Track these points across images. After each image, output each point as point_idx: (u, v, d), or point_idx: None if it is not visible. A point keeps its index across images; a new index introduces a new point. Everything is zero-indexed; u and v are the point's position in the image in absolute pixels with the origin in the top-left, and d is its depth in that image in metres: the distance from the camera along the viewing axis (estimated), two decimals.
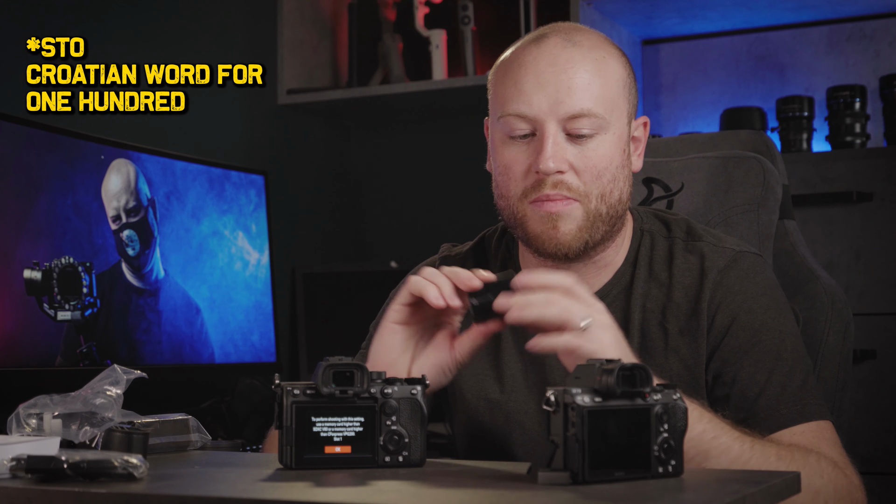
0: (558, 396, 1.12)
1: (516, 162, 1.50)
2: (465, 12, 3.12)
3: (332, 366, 1.23)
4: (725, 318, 1.51)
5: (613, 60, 1.52)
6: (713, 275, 1.53)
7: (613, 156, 1.50)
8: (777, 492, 1.13)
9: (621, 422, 1.13)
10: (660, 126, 3.25)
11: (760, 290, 1.53)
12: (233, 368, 2.51)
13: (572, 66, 1.48)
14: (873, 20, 3.05)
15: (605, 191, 1.49)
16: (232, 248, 2.52)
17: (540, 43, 1.52)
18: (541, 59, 1.49)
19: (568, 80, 1.48)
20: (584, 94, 1.47)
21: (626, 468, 1.13)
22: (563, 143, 1.48)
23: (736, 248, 1.56)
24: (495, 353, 1.61)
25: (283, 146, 3.23)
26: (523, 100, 1.48)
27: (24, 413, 1.36)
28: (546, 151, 1.46)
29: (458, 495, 1.10)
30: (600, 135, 1.49)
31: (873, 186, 2.62)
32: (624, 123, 1.52)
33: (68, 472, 1.12)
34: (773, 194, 1.79)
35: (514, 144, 1.51)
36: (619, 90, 1.52)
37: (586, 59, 1.49)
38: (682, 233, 1.59)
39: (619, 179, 1.51)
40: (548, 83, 1.48)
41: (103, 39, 2.66)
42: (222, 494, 1.08)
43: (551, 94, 1.47)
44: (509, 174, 1.51)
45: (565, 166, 1.47)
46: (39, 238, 2.05)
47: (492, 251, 1.68)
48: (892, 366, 2.59)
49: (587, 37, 1.53)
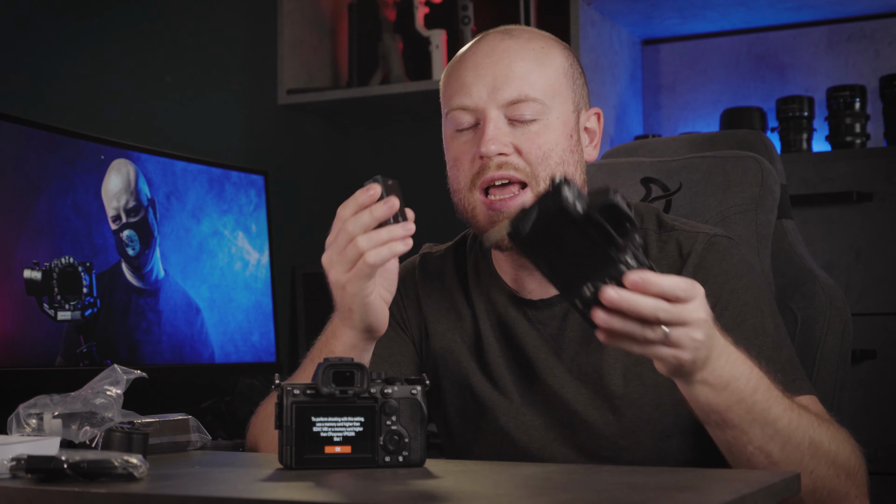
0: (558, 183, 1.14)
1: (463, 152, 1.54)
2: (465, 12, 3.12)
3: (332, 366, 1.23)
4: (708, 299, 1.52)
5: (553, 51, 1.56)
6: (693, 259, 1.55)
7: (559, 139, 1.52)
8: (777, 492, 1.14)
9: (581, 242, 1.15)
10: (660, 126, 3.26)
11: (738, 270, 1.55)
12: (233, 368, 2.51)
13: (508, 56, 1.52)
14: (873, 20, 3.05)
15: (554, 174, 1.51)
16: (232, 248, 2.52)
17: (480, 40, 1.57)
18: (479, 53, 1.54)
19: (505, 69, 1.52)
20: (523, 81, 1.51)
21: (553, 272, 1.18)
22: (505, 127, 1.51)
23: (710, 232, 1.58)
24: (476, 342, 1.62)
25: (283, 146, 3.24)
26: (464, 91, 1.53)
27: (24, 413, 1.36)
28: (487, 134, 1.50)
29: (458, 495, 1.10)
30: (542, 119, 1.52)
31: (873, 186, 2.62)
32: (569, 111, 1.55)
33: (68, 472, 1.12)
34: (772, 194, 1.79)
35: (460, 137, 1.54)
36: (560, 78, 1.54)
37: (524, 49, 1.53)
38: (653, 224, 1.60)
39: (569, 164, 1.53)
40: (486, 73, 1.52)
41: (103, 38, 2.66)
42: (222, 494, 1.08)
43: (489, 82, 1.51)
44: (458, 166, 1.55)
45: (509, 149, 1.50)
46: (39, 238, 2.05)
47: (467, 250, 1.69)
48: (891, 366, 2.59)
49: (526, 31, 1.57)
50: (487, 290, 1.63)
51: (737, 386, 1.31)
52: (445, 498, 1.08)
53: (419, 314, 1.68)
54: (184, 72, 2.89)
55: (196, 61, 2.95)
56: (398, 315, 1.69)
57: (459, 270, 1.68)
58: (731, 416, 1.32)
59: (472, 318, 1.64)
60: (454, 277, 1.68)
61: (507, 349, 1.60)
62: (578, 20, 2.90)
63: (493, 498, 1.08)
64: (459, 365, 1.62)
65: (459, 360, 1.62)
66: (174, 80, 2.85)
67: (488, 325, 1.61)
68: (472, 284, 1.65)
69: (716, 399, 1.30)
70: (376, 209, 1.38)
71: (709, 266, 1.54)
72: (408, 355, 1.67)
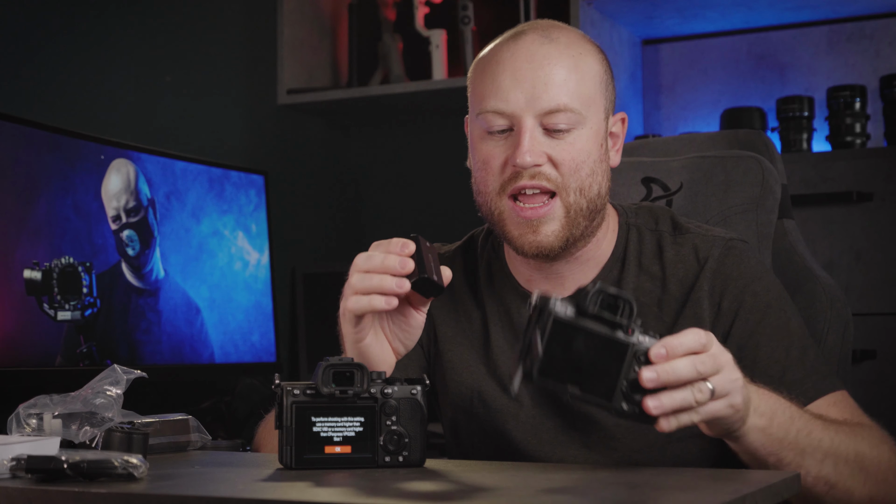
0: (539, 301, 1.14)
1: (493, 157, 1.51)
2: (465, 12, 3.12)
3: (332, 366, 1.23)
4: (732, 303, 1.53)
5: (590, 57, 1.54)
6: (710, 264, 1.55)
7: (591, 150, 1.51)
8: (777, 492, 1.14)
9: (590, 343, 1.14)
10: (660, 126, 3.26)
11: (757, 273, 1.55)
12: (233, 368, 2.51)
13: (549, 63, 1.50)
14: (873, 20, 3.05)
15: (584, 184, 1.50)
16: (232, 248, 2.52)
17: (517, 40, 1.53)
18: (518, 56, 1.51)
19: (545, 76, 1.49)
20: (561, 90, 1.49)
21: (585, 389, 1.14)
22: (540, 137, 1.49)
23: (725, 237, 1.58)
24: (485, 345, 1.61)
25: (283, 146, 3.23)
26: (501, 96, 1.50)
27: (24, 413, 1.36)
28: (523, 146, 1.48)
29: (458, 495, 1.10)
30: (577, 129, 1.50)
31: (873, 186, 2.62)
32: (601, 119, 1.54)
33: (68, 472, 1.12)
34: (772, 194, 1.79)
35: (491, 140, 1.52)
36: (596, 86, 1.53)
37: (563, 55, 1.51)
38: (668, 226, 1.60)
39: (598, 174, 1.52)
40: (524, 79, 1.49)
41: (103, 38, 2.66)
42: (222, 494, 1.08)
43: (528, 89, 1.49)
44: (487, 169, 1.52)
45: (542, 159, 1.49)
46: (39, 238, 2.05)
47: (478, 251, 1.68)
48: (892, 366, 2.59)
49: (564, 34, 1.55)
50: (500, 291, 1.62)
51: (780, 420, 1.31)
52: (445, 498, 1.08)
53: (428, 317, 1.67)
54: (184, 72, 2.89)
55: (196, 61, 2.95)
56: None
57: (468, 271, 1.68)
58: (785, 455, 1.33)
59: (481, 319, 1.63)
60: (463, 279, 1.67)
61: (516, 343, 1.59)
62: (578, 20, 2.89)
63: (493, 498, 1.08)
64: (468, 369, 1.62)
65: (468, 363, 1.62)
66: (174, 80, 2.85)
67: (499, 328, 1.61)
68: (484, 285, 1.64)
69: (768, 440, 1.30)
70: (390, 258, 1.36)
71: (728, 271, 1.54)
72: (414, 357, 1.66)
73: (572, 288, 1.58)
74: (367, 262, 1.38)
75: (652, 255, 1.58)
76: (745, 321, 1.52)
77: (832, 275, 2.41)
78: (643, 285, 1.57)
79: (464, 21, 3.12)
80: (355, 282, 1.38)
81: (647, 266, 1.58)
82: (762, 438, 1.30)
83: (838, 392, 1.49)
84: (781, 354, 1.49)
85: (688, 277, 1.55)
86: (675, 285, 1.55)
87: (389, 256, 1.37)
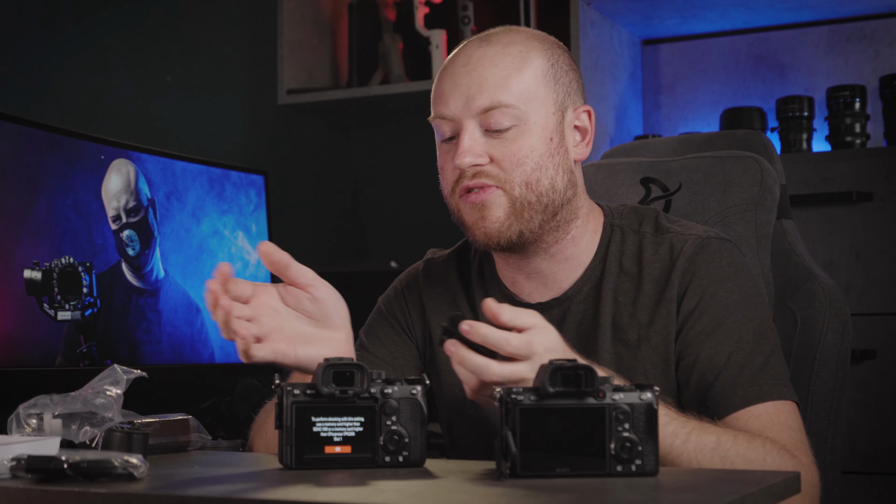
0: (503, 394, 1.17)
1: (445, 162, 1.58)
2: (465, 12, 3.12)
3: (332, 366, 1.23)
4: (691, 301, 1.53)
5: (532, 53, 1.55)
6: (681, 261, 1.55)
7: (535, 145, 1.53)
8: (777, 492, 1.14)
9: (565, 420, 1.16)
10: (660, 126, 3.26)
11: (726, 273, 1.54)
12: (233, 368, 2.51)
13: (482, 64, 1.53)
14: (873, 20, 3.05)
15: (530, 179, 1.52)
16: (232, 248, 2.52)
17: (460, 49, 1.59)
18: (457, 62, 1.56)
19: (479, 77, 1.53)
20: (496, 89, 1.52)
21: (572, 466, 1.16)
22: (481, 137, 1.53)
23: (703, 235, 1.58)
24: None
25: (283, 146, 3.24)
26: (442, 101, 1.56)
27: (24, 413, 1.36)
28: (461, 147, 1.52)
29: (459, 495, 1.10)
30: (519, 126, 1.53)
31: (873, 186, 2.62)
32: (548, 113, 1.55)
33: (68, 472, 1.12)
34: (771, 194, 1.79)
35: (444, 147, 1.58)
36: (538, 80, 1.54)
37: (498, 55, 1.54)
38: (650, 226, 1.61)
39: (548, 168, 1.53)
40: (461, 83, 1.54)
41: (103, 38, 2.66)
42: (222, 494, 1.08)
43: (463, 92, 1.53)
44: (443, 174, 1.59)
45: (483, 159, 1.52)
46: (39, 238, 2.05)
47: (471, 255, 1.70)
48: (891, 366, 2.59)
49: (508, 35, 1.57)
50: (489, 294, 1.63)
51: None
52: (445, 498, 1.08)
53: (423, 319, 1.69)
54: (184, 72, 2.89)
55: (196, 61, 2.95)
56: (402, 321, 1.70)
57: (462, 274, 1.69)
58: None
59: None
60: (457, 282, 1.69)
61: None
62: (578, 20, 2.90)
63: (493, 498, 1.08)
64: None
65: None
66: (174, 80, 2.85)
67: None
68: (476, 287, 1.66)
69: None
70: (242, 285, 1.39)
71: (695, 268, 1.54)
72: (411, 360, 1.68)
73: (554, 288, 1.59)
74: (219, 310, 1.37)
75: (632, 255, 1.59)
76: (698, 321, 1.52)
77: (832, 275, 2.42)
78: (622, 285, 1.58)
79: (464, 21, 3.12)
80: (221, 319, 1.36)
81: (627, 266, 1.59)
82: None
83: (775, 402, 1.46)
84: (721, 360, 1.48)
85: (662, 276, 1.56)
86: (650, 284, 1.56)
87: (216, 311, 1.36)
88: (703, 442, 1.36)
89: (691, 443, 1.36)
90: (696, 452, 1.35)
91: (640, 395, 1.18)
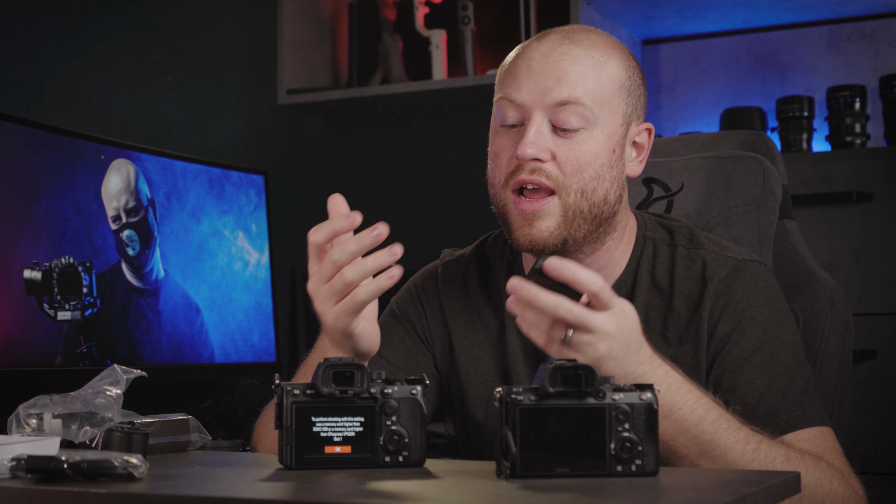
0: (503, 394, 1.17)
1: (503, 149, 1.52)
2: (465, 12, 3.12)
3: (332, 366, 1.23)
4: (727, 326, 1.51)
5: (612, 61, 1.53)
6: (714, 284, 1.53)
7: (599, 153, 1.50)
8: (777, 492, 1.13)
9: (565, 420, 1.16)
10: (660, 126, 3.25)
11: (762, 298, 1.53)
12: (233, 368, 2.51)
13: (565, 59, 1.50)
14: (873, 20, 3.05)
15: (587, 187, 1.50)
16: (232, 248, 2.52)
17: (541, 38, 1.55)
18: (536, 52, 1.52)
19: (559, 70, 1.49)
20: (574, 85, 1.49)
21: (572, 466, 1.16)
22: (548, 133, 1.49)
23: (738, 257, 1.56)
24: (501, 357, 1.61)
25: (283, 146, 3.23)
26: (515, 84, 1.51)
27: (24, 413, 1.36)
28: (527, 137, 1.48)
29: (459, 495, 1.10)
30: (587, 130, 1.49)
31: (873, 186, 2.62)
32: (617, 124, 1.52)
33: (68, 472, 1.12)
34: (773, 194, 1.79)
35: (503, 133, 1.53)
36: (614, 89, 1.52)
37: (582, 55, 1.51)
38: (684, 240, 1.58)
39: (605, 179, 1.51)
40: (539, 71, 1.50)
41: (103, 38, 2.66)
42: (222, 494, 1.08)
43: (540, 81, 1.49)
44: (496, 161, 1.54)
45: (546, 155, 1.49)
46: (39, 238, 2.05)
47: (496, 255, 1.67)
48: (892, 366, 2.59)
49: (590, 37, 1.54)
50: None
51: (680, 416, 1.32)
52: (445, 498, 1.08)
53: (443, 326, 1.66)
54: (184, 72, 2.89)
55: (196, 61, 2.95)
56: (419, 327, 1.67)
57: (482, 277, 1.66)
58: (678, 448, 1.34)
59: (499, 328, 1.62)
60: (477, 285, 1.66)
61: (535, 360, 1.58)
62: (578, 20, 2.89)
63: (493, 498, 1.08)
64: (484, 380, 1.61)
65: (485, 375, 1.61)
66: (174, 80, 2.85)
67: (515, 334, 1.59)
68: (504, 292, 1.60)
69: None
70: (364, 237, 1.35)
71: (731, 292, 1.52)
72: (425, 367, 1.65)
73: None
74: (343, 250, 1.35)
75: (664, 269, 1.57)
76: (736, 345, 1.50)
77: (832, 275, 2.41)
78: (653, 301, 1.56)
79: (464, 21, 3.12)
80: (349, 274, 1.35)
81: (659, 281, 1.57)
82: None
83: (820, 428, 1.45)
84: (763, 383, 1.47)
85: (693, 295, 1.54)
86: (681, 302, 1.54)
87: (361, 236, 1.35)
88: (774, 453, 1.36)
89: (762, 452, 1.35)
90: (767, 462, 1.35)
91: (640, 395, 1.18)
